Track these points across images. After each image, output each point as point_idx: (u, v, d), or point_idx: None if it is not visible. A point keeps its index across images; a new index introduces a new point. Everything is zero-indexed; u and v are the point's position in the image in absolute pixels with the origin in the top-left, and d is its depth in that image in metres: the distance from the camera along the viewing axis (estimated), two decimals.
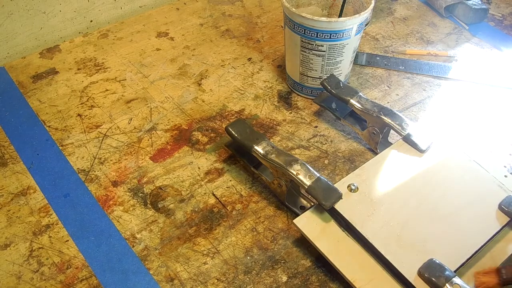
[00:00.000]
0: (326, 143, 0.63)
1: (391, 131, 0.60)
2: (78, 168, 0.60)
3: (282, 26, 0.84)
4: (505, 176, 0.53)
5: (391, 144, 0.59)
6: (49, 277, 0.49)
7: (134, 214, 0.55)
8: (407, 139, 0.56)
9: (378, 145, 0.60)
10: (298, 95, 0.71)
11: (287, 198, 0.54)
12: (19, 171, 0.60)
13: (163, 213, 0.55)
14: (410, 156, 0.55)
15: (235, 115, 0.67)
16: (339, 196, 0.49)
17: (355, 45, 0.64)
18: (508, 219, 0.49)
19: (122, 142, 0.63)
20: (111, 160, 0.61)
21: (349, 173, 0.54)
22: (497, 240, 0.48)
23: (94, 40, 0.81)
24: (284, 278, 0.49)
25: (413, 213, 0.49)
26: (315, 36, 0.61)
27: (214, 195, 0.57)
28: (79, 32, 0.86)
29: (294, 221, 0.49)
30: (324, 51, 0.63)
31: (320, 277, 0.49)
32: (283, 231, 0.53)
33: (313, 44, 0.62)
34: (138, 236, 0.53)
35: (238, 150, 0.59)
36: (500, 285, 0.44)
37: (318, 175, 0.50)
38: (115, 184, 0.58)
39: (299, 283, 0.49)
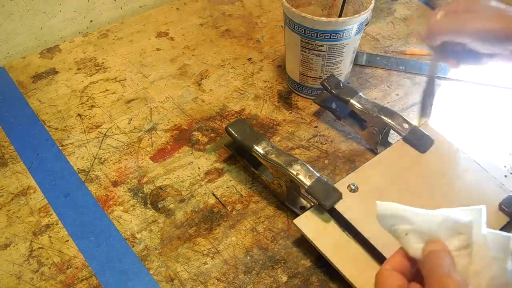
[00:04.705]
0: (326, 143, 0.63)
1: (391, 131, 0.60)
2: (78, 168, 0.60)
3: (282, 26, 0.84)
4: (505, 176, 0.53)
5: (391, 144, 0.59)
6: (49, 277, 0.49)
7: (134, 214, 0.55)
8: (407, 139, 0.56)
9: (378, 145, 0.60)
10: (298, 95, 0.70)
11: (287, 198, 0.54)
12: (19, 171, 0.60)
13: (163, 213, 0.55)
14: (410, 156, 0.55)
15: (235, 115, 0.67)
16: (339, 196, 0.49)
17: (355, 45, 0.64)
18: (508, 219, 0.49)
19: (122, 142, 0.63)
20: (111, 160, 0.61)
21: (349, 173, 0.54)
22: None
23: (94, 40, 0.81)
24: (284, 278, 0.49)
25: None
26: (315, 36, 0.61)
27: (214, 195, 0.57)
28: (79, 32, 0.86)
29: (294, 221, 0.49)
30: (324, 51, 0.63)
31: (320, 277, 0.49)
32: (283, 231, 0.53)
33: (313, 44, 0.62)
34: (138, 236, 0.53)
35: (238, 150, 0.59)
36: None
37: (318, 175, 0.50)
38: (115, 184, 0.58)
39: (299, 283, 0.49)
